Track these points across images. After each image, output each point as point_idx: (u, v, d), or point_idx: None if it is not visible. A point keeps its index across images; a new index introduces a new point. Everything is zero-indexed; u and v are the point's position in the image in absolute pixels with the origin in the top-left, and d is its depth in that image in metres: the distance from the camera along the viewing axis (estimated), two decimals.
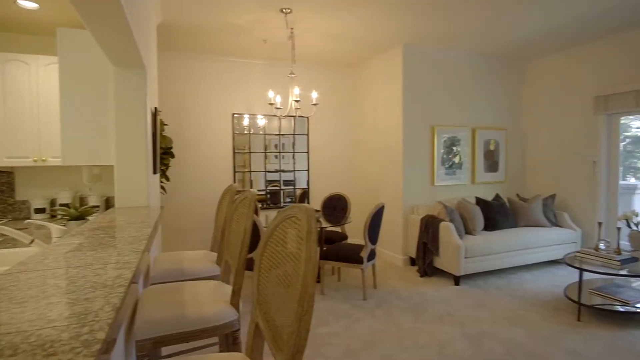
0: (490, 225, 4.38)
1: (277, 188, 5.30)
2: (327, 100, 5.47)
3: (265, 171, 5.22)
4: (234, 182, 5.05)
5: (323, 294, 3.64)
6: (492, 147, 5.09)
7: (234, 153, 5.03)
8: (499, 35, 4.17)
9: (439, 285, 3.91)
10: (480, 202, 4.52)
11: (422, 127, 4.68)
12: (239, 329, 1.54)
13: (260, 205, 5.19)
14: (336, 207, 4.65)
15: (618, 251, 3.19)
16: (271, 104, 3.94)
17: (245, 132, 5.09)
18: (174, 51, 4.64)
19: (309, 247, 0.80)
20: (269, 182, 5.28)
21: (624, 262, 3.08)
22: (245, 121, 5.07)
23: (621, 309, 3.01)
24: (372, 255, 3.61)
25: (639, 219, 3.29)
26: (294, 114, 4.15)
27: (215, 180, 4.90)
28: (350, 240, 4.81)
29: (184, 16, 3.58)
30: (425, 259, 4.17)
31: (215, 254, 2.33)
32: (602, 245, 3.28)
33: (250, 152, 5.13)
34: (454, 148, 4.87)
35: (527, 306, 3.34)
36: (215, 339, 2.50)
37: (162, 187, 4.04)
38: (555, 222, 4.62)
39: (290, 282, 0.87)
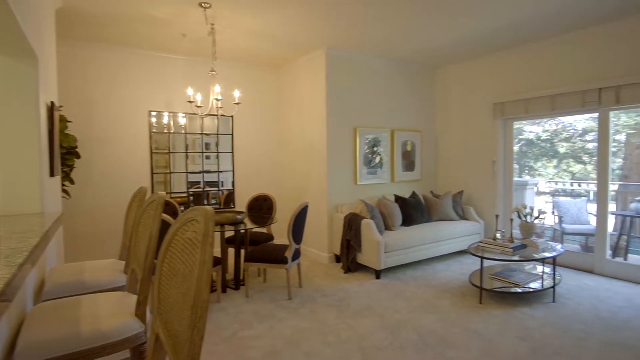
0: (408, 220, 4.68)
1: (201, 189, 5.08)
2: (252, 100, 5.39)
3: (187, 172, 4.98)
4: (152, 184, 4.73)
5: (248, 297, 3.57)
6: (409, 148, 5.45)
7: (152, 153, 4.71)
8: (412, 43, 4.48)
9: (362, 280, 4.08)
10: (398, 199, 4.82)
11: (345, 128, 4.84)
12: (145, 342, 1.44)
13: (182, 208, 4.92)
14: (262, 207, 4.60)
15: (511, 240, 3.63)
16: (191, 101, 3.76)
17: (165, 131, 4.80)
18: (82, 41, 4.19)
19: (204, 251, 0.77)
20: (192, 183, 5.04)
21: (516, 248, 3.51)
22: (165, 119, 4.78)
23: (514, 290, 3.43)
24: (296, 254, 3.64)
25: (527, 211, 3.77)
26: (216, 113, 4.01)
27: (130, 182, 4.53)
28: (276, 241, 4.79)
29: (90, 1, 3.25)
30: (348, 255, 4.32)
31: (123, 263, 2.16)
32: (498, 235, 3.71)
33: (170, 152, 4.85)
34: (376, 148, 5.12)
35: (439, 294, 3.63)
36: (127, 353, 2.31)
37: (65, 191, 3.63)
38: (463, 216, 5.10)
39: (188, 288, 0.83)
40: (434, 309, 3.27)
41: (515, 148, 9.05)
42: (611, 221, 4.95)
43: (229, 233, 4.08)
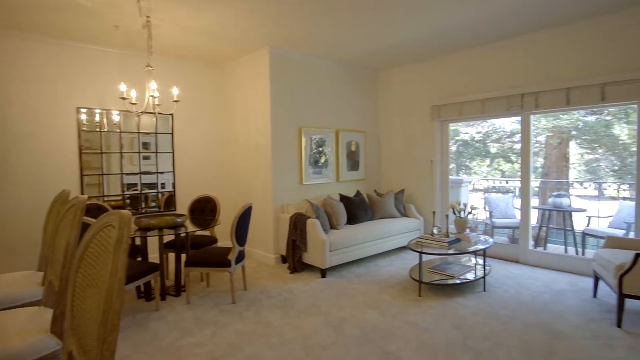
0: (352, 219, 4.79)
1: (138, 192, 4.79)
2: (194, 98, 5.18)
3: (123, 173, 4.66)
4: (82, 186, 4.37)
5: (189, 303, 3.43)
6: (353, 148, 5.58)
7: (81, 153, 4.34)
8: (355, 46, 4.59)
9: (308, 279, 4.10)
10: (343, 198, 4.91)
11: (290, 128, 4.83)
12: None
13: None
14: (205, 209, 4.44)
15: (447, 234, 3.86)
16: (124, 98, 3.52)
17: (97, 129, 4.45)
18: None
19: (115, 259, 0.72)
20: (129, 185, 4.73)
21: (451, 243, 3.73)
22: (97, 117, 4.43)
23: (451, 282, 3.65)
24: (240, 256, 3.56)
25: (461, 207, 4.03)
26: (153, 111, 3.81)
27: (55, 185, 4.14)
28: (221, 243, 4.66)
29: None
30: (294, 255, 4.32)
31: (42, 274, 1.96)
32: (435, 231, 3.92)
33: (103, 153, 4.51)
34: (321, 149, 5.17)
35: (382, 289, 3.76)
36: None
37: None
38: (405, 213, 5.33)
39: (100, 299, 0.77)
40: (376, 304, 3.37)
41: (453, 148, 9.67)
42: (535, 215, 5.46)
43: (169, 237, 3.89)
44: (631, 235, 4.19)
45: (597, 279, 3.44)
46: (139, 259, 3.67)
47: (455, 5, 3.43)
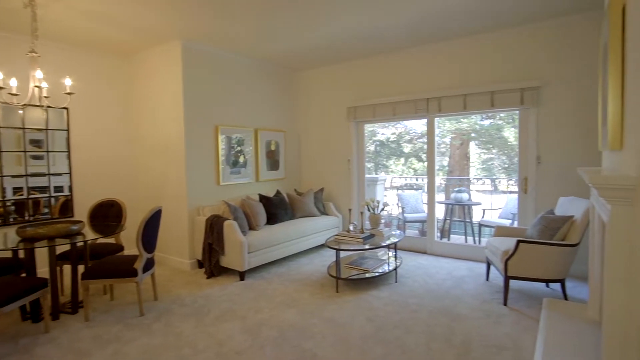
0: (272, 219, 4.75)
1: (23, 197, 4.16)
2: (96, 91, 4.67)
3: (3, 176, 4.00)
4: None
5: (88, 320, 3.07)
6: (273, 148, 5.54)
7: None
8: (271, 44, 4.54)
9: (226, 283, 3.96)
10: (263, 198, 4.84)
11: (206, 126, 4.61)
12: None
13: None
14: (108, 215, 4.02)
15: (362, 230, 4.02)
16: (0, 87, 3.01)
17: None
18: None
19: None
20: (15, 189, 4.08)
21: (366, 238, 3.90)
22: None
23: (367, 276, 3.81)
24: (149, 264, 3.29)
25: (374, 204, 4.24)
26: (40, 104, 3.34)
27: None
28: (128, 251, 4.27)
29: None
30: (211, 259, 4.13)
31: None
32: (351, 227, 4.06)
33: None
34: (240, 148, 5.04)
35: (301, 287, 3.78)
36: None
37: None
38: (324, 211, 5.45)
39: None
40: (295, 303, 3.38)
41: (372, 148, 10.18)
42: (442, 209, 5.99)
43: (65, 247, 3.45)
44: (516, 224, 4.81)
45: (489, 265, 3.88)
46: (24, 274, 3.19)
47: (366, 13, 3.59)
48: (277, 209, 4.83)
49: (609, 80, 2.01)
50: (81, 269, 3.37)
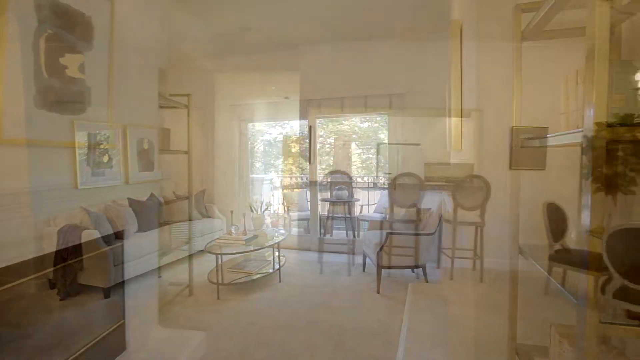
0: (145, 225, 4.29)
1: None
2: None
3: None
4: None
5: None
6: (146, 146, 5.00)
7: None
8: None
9: (86, 303, 3.41)
10: (133, 203, 4.33)
11: (57, 120, 3.89)
12: None
13: None
14: None
15: (245, 232, 3.92)
16: None
17: None
18: None
19: None
20: None
21: (248, 240, 3.81)
22: None
23: (253, 278, 3.71)
24: None
25: (257, 205, 4.17)
26: None
27: None
28: None
29: None
30: (66, 277, 3.51)
31: None
32: (233, 230, 3.93)
33: None
34: (103, 146, 4.40)
35: (178, 299, 3.49)
36: None
37: None
38: (207, 214, 5.16)
39: None
40: (169, 316, 3.10)
41: (260, 148, 10.06)
42: (326, 207, 6.23)
43: None
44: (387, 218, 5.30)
45: (365, 257, 4.18)
46: None
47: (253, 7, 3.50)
48: (150, 214, 4.37)
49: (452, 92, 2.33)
50: None
